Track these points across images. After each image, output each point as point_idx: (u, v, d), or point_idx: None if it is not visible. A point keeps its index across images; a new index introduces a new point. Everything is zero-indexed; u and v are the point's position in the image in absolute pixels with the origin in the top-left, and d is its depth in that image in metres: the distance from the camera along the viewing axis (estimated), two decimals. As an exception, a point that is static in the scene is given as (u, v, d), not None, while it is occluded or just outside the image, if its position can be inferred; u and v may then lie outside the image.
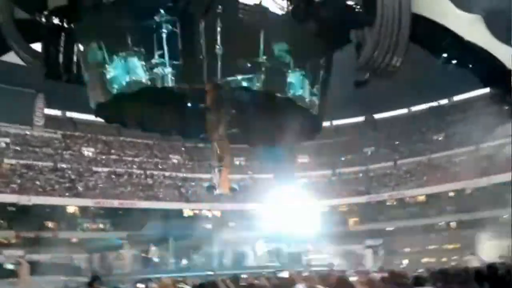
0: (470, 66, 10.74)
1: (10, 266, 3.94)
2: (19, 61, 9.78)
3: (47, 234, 37.82)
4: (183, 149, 51.35)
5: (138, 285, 5.74)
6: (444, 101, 49.44)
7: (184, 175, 48.72)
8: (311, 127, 10.63)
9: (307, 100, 9.74)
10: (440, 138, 47.53)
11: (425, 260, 36.72)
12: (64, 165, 43.44)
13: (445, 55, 10.07)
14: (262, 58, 8.75)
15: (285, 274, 4.22)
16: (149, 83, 8.65)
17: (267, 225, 35.37)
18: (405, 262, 36.32)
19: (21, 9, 9.07)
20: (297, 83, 9.51)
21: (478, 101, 36.39)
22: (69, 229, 39.62)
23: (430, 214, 41.84)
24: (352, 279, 4.43)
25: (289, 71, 9.33)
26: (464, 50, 10.01)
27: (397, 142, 49.61)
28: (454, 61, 10.35)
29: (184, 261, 22.33)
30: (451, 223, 41.05)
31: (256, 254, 22.31)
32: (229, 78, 8.51)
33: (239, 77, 8.51)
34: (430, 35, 9.69)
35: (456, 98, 47.51)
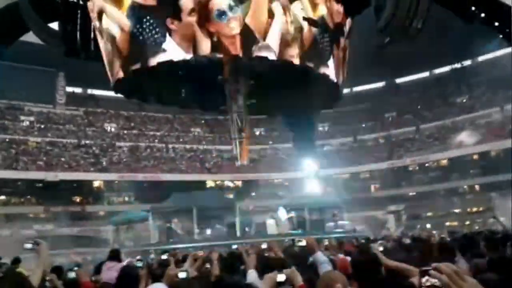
0: (495, 24, 10.35)
1: (28, 246, 3.97)
2: (39, 41, 9.82)
3: (75, 208, 39.03)
4: (203, 121, 51.64)
5: (163, 256, 5.88)
6: (467, 62, 47.95)
7: (205, 147, 49.18)
8: (331, 95, 10.48)
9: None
10: (463, 101, 46.45)
11: (448, 224, 36.62)
12: (87, 141, 44.31)
13: (468, 14, 9.68)
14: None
15: (303, 243, 4.19)
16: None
17: (289, 193, 35.64)
18: (428, 226, 36.28)
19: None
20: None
21: (502, 61, 35.22)
22: (95, 203, 40.81)
23: (453, 177, 41.43)
24: (375, 249, 4.44)
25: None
26: (488, 8, 9.65)
27: (419, 106, 48.71)
28: (477, 20, 9.95)
29: (208, 231, 22.74)
30: (475, 186, 40.66)
31: (278, 223, 22.54)
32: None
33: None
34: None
35: (480, 58, 45.92)
